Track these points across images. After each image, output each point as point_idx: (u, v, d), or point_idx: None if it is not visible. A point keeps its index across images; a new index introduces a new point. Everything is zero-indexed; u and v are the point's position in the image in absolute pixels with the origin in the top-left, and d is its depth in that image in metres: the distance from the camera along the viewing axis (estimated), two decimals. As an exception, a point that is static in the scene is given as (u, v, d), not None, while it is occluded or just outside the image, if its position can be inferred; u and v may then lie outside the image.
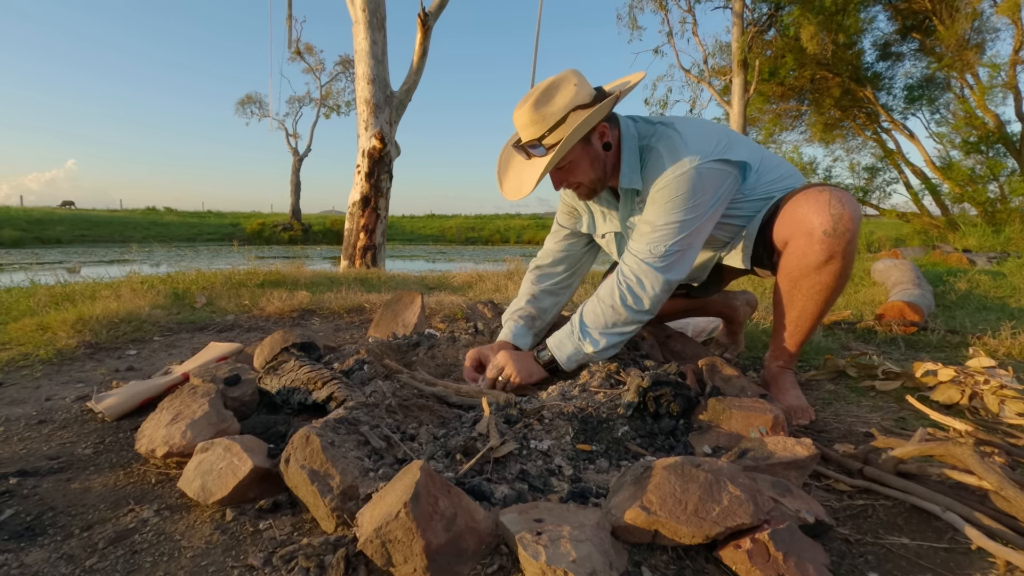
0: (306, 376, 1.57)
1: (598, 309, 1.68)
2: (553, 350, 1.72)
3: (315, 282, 4.95)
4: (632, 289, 1.64)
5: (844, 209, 1.53)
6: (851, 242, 1.53)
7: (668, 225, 1.60)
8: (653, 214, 1.62)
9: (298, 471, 1.08)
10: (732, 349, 2.40)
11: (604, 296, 1.67)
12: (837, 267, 1.56)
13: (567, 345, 1.70)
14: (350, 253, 7.76)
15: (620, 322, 1.67)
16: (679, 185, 1.57)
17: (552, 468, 1.19)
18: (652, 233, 1.62)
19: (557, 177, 1.69)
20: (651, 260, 1.62)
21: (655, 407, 1.41)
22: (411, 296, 2.54)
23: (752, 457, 1.16)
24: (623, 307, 1.65)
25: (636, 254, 1.65)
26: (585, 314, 1.70)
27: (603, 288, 1.69)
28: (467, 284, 5.21)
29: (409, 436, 1.29)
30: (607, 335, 1.68)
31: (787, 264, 1.63)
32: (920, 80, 15.02)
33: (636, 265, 1.64)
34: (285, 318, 3.33)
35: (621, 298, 1.65)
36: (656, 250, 1.61)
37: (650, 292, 1.64)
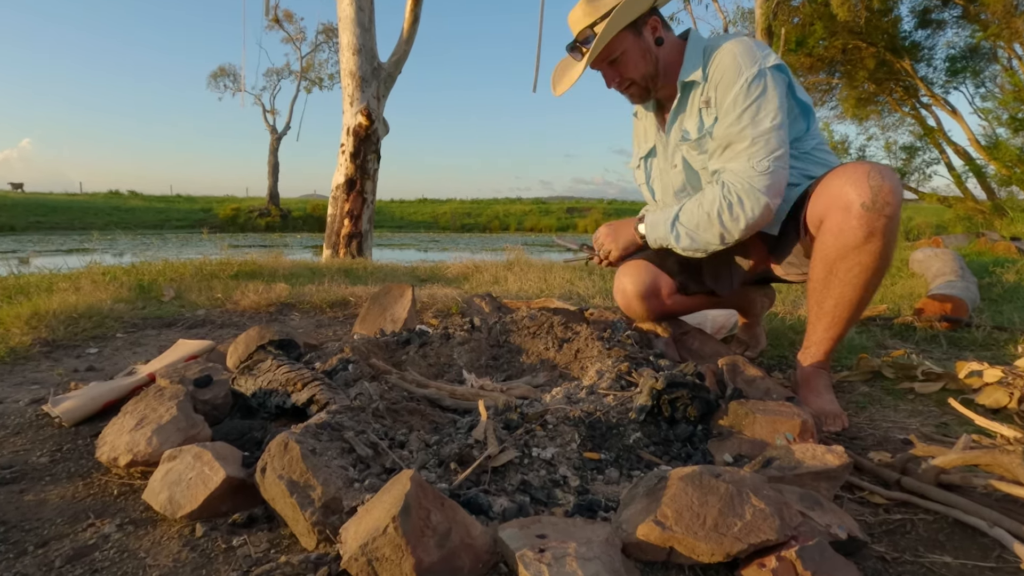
0: (285, 377, 1.57)
1: (696, 212, 1.78)
2: (647, 227, 1.90)
3: (295, 273, 4.94)
4: (732, 206, 1.72)
5: (884, 181, 1.54)
6: (892, 218, 1.54)
7: (764, 135, 1.68)
8: (741, 123, 1.70)
9: (276, 482, 1.08)
10: (754, 347, 2.40)
11: (706, 201, 1.76)
12: (878, 246, 1.56)
13: (659, 227, 1.87)
14: (333, 241, 7.75)
15: (708, 233, 1.78)
16: (759, 86, 1.68)
17: (556, 478, 1.19)
18: (751, 147, 1.69)
19: (609, 72, 1.87)
20: (757, 180, 1.69)
21: (670, 411, 1.41)
22: (401, 289, 2.54)
23: (778, 467, 1.16)
24: (718, 219, 1.74)
25: (740, 174, 1.71)
26: (684, 210, 1.81)
27: (708, 192, 1.77)
28: (463, 276, 5.20)
29: (398, 443, 1.29)
30: (692, 239, 1.81)
31: (822, 245, 1.63)
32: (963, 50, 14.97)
33: (739, 183, 1.71)
34: (261, 313, 3.33)
35: (719, 210, 1.74)
36: (760, 165, 1.69)
37: (749, 214, 1.71)
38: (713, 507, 0.94)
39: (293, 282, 4.29)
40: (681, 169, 1.93)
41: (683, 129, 1.87)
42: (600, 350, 1.85)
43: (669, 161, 1.97)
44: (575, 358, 1.90)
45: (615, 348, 1.85)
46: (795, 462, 1.16)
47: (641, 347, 1.93)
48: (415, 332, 2.11)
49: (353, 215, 7.70)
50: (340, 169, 7.75)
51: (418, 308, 3.11)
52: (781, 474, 1.14)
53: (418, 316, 2.58)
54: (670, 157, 1.96)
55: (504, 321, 2.12)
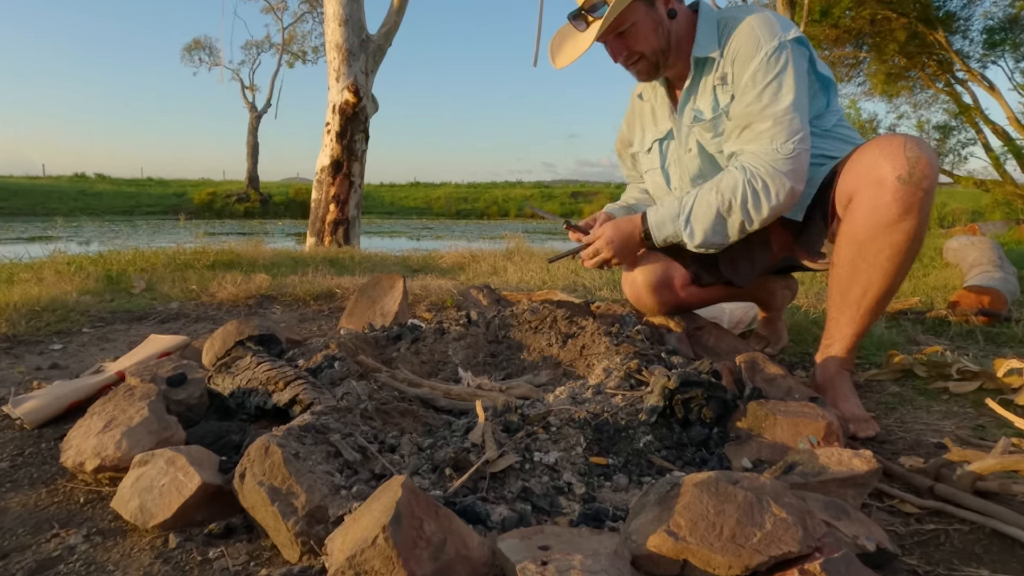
0: (265, 375, 1.57)
1: (712, 200, 1.77)
2: (652, 227, 1.88)
3: (276, 263, 4.93)
4: (757, 192, 1.72)
5: (921, 153, 1.53)
6: (929, 193, 1.53)
7: (786, 114, 1.68)
8: (762, 101, 1.70)
9: (256, 488, 1.08)
10: (774, 343, 2.40)
11: (725, 188, 1.75)
12: (913, 224, 1.55)
13: (666, 226, 1.86)
14: (318, 228, 7.74)
15: (728, 224, 1.77)
16: (779, 60, 1.68)
17: (560, 485, 1.19)
18: (774, 127, 1.69)
19: (617, 45, 1.84)
20: (781, 163, 1.69)
21: (684, 412, 1.41)
22: (391, 280, 2.53)
23: (801, 472, 1.16)
24: (741, 207, 1.74)
25: (762, 156, 1.71)
26: (697, 202, 1.80)
27: (726, 179, 1.76)
28: (458, 266, 5.20)
29: (389, 447, 1.29)
30: (709, 232, 1.79)
31: (851, 224, 1.62)
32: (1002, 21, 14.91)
33: (763, 167, 1.71)
34: (240, 306, 3.32)
35: (743, 197, 1.73)
36: (784, 147, 1.69)
37: (774, 200, 1.72)
38: (730, 516, 0.93)
39: (274, 273, 4.28)
40: (696, 153, 1.92)
41: (696, 109, 1.86)
42: (607, 346, 1.85)
43: (684, 145, 1.96)
44: (580, 355, 1.90)
45: (624, 344, 1.84)
46: (819, 468, 1.16)
47: (652, 343, 1.93)
48: (407, 327, 2.11)
49: (339, 200, 7.69)
50: (325, 150, 7.73)
51: (410, 301, 3.10)
52: (804, 481, 1.13)
53: (410, 310, 2.57)
54: (684, 140, 1.95)
55: (503, 315, 2.12)
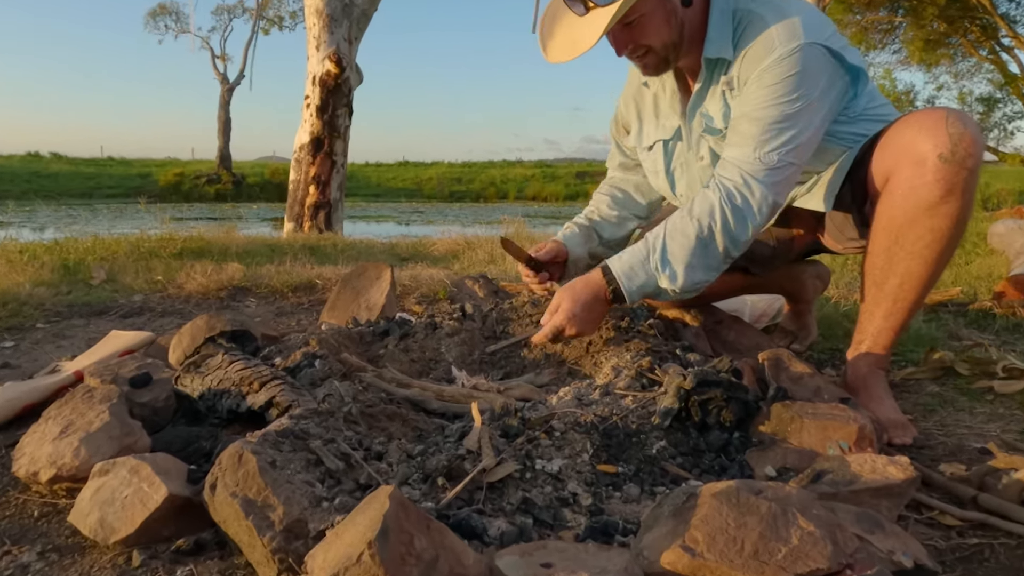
0: (239, 375, 1.56)
1: (689, 231, 1.67)
2: (620, 278, 1.72)
3: (250, 251, 4.93)
4: (737, 211, 1.64)
5: (965, 129, 1.52)
6: (973, 173, 1.52)
7: (780, 123, 1.62)
8: (758, 102, 1.64)
9: (228, 500, 1.07)
10: (802, 338, 2.39)
11: (700, 214, 1.67)
12: (956, 207, 1.54)
13: (638, 274, 1.71)
14: (297, 213, 7.73)
15: (712, 255, 1.68)
16: (792, 63, 1.61)
17: (565, 496, 1.19)
18: (761, 134, 1.63)
19: (622, 38, 1.73)
20: (760, 173, 1.64)
21: (701, 415, 1.41)
22: (378, 269, 2.53)
23: (830, 481, 1.16)
24: (722, 234, 1.65)
25: (740, 164, 1.65)
26: (669, 236, 1.69)
27: (699, 202, 1.68)
28: (451, 253, 5.19)
29: (375, 454, 1.29)
30: (692, 270, 1.68)
31: (888, 208, 1.61)
32: (1055, -19, 14.86)
33: (740, 179, 1.64)
34: (211, 298, 3.32)
35: (723, 222, 1.65)
36: (768, 158, 1.63)
37: (756, 219, 1.66)
38: (752, 530, 0.93)
39: (248, 261, 4.27)
40: (709, 163, 1.88)
41: (705, 114, 1.82)
42: (616, 342, 1.85)
43: (694, 151, 1.91)
44: (586, 352, 1.90)
45: (635, 340, 1.84)
46: (851, 476, 1.16)
47: (666, 339, 1.93)
48: (395, 321, 2.10)
49: (320, 181, 7.68)
50: (304, 126, 7.71)
51: (398, 292, 3.09)
52: (834, 490, 1.13)
53: (398, 302, 2.57)
54: (695, 146, 1.90)
55: (502, 308, 2.12)
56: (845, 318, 2.67)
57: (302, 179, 7.70)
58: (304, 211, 7.69)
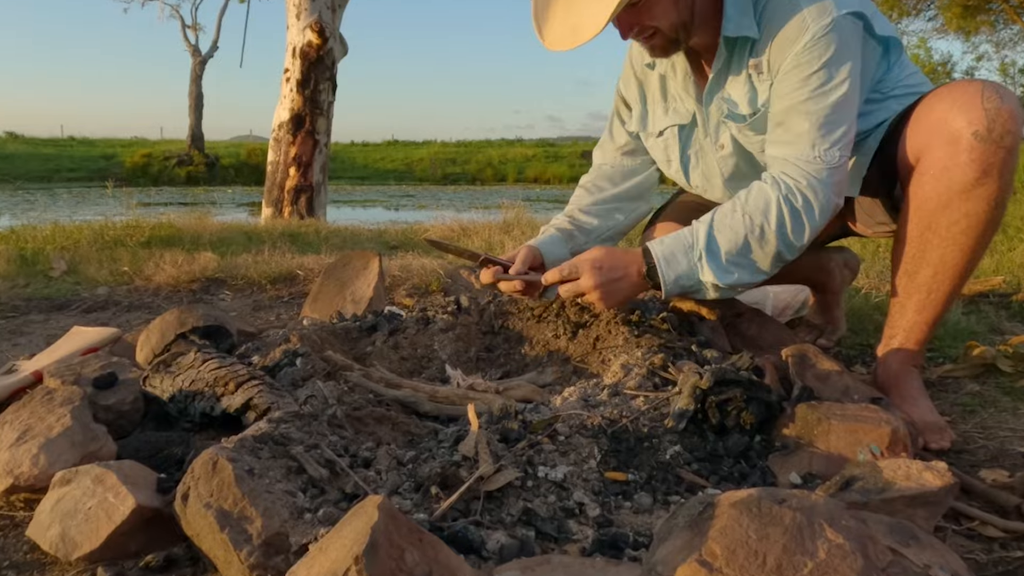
0: (212, 375, 1.56)
1: (738, 227, 1.66)
2: (659, 262, 1.70)
3: (225, 239, 4.92)
4: (796, 213, 1.64)
5: (1003, 103, 1.51)
6: (1012, 151, 1.52)
7: (832, 114, 1.62)
8: (803, 92, 1.63)
9: (201, 512, 1.07)
10: (829, 332, 2.40)
11: (753, 210, 1.66)
12: (993, 189, 1.53)
13: (679, 261, 1.69)
14: (276, 197, 7.73)
15: (761, 258, 1.67)
16: (828, 42, 1.60)
17: (570, 506, 1.19)
18: (816, 129, 1.62)
19: (627, 19, 1.70)
20: (823, 173, 1.63)
21: (719, 417, 1.41)
22: (364, 259, 2.52)
23: (861, 489, 1.15)
24: (776, 236, 1.64)
25: (800, 163, 1.64)
26: (717, 228, 1.68)
27: (755, 196, 1.67)
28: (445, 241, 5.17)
29: (362, 461, 1.29)
30: (737, 270, 1.68)
31: (919, 191, 1.61)
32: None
33: (805, 180, 1.63)
34: (182, 291, 3.32)
35: (779, 222, 1.64)
36: (830, 156, 1.63)
37: (816, 222, 1.65)
38: (775, 543, 0.93)
39: (223, 251, 4.27)
40: (731, 152, 1.88)
41: (727, 99, 1.80)
42: (626, 338, 1.85)
43: (713, 139, 1.90)
44: (593, 348, 1.90)
45: (646, 335, 1.84)
46: (883, 483, 1.16)
47: (680, 333, 1.92)
48: (383, 315, 2.10)
49: (301, 162, 7.67)
50: (284, 102, 7.70)
51: (387, 284, 3.09)
52: (865, 499, 1.13)
53: (387, 294, 2.57)
54: (713, 134, 1.89)
55: (500, 301, 2.11)
56: (876, 310, 2.68)
57: (281, 160, 7.69)
58: (284, 195, 7.69)
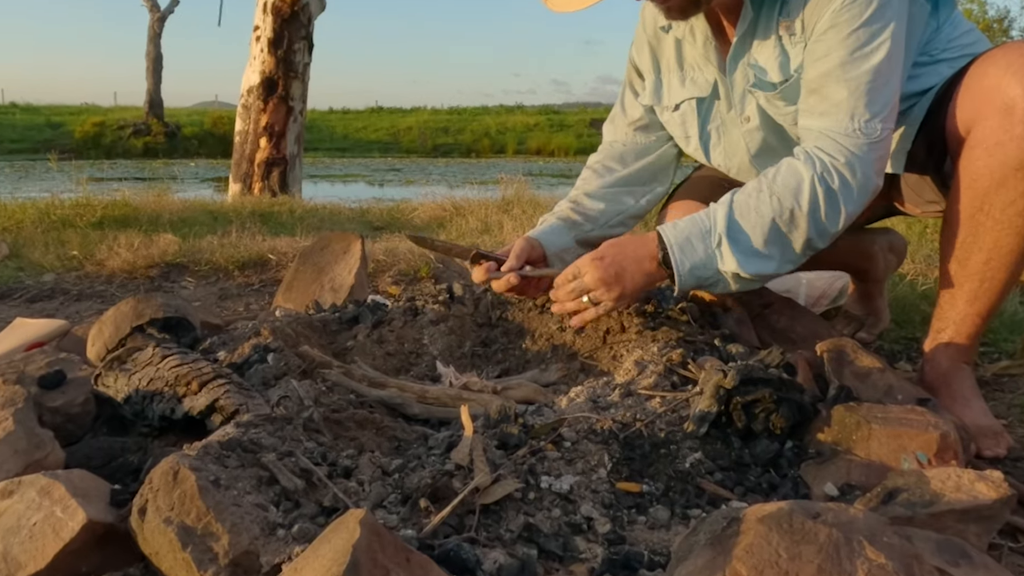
0: (173, 373, 1.56)
1: (764, 209, 1.65)
2: (672, 249, 1.69)
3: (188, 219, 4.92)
4: (832, 195, 1.62)
5: None
6: None
7: (873, 80, 1.60)
8: (841, 55, 1.61)
9: (161, 528, 1.07)
10: (871, 325, 2.39)
11: (783, 191, 1.64)
12: None
13: (695, 248, 1.68)
14: (245, 171, 7.72)
15: (789, 245, 1.66)
16: (869, 1, 1.58)
17: (577, 521, 1.18)
18: (857, 98, 1.61)
19: None
20: (864, 148, 1.61)
21: (745, 421, 1.40)
22: (345, 242, 2.52)
23: (905, 502, 1.15)
24: (809, 220, 1.63)
25: (838, 137, 1.62)
26: (739, 211, 1.67)
27: (784, 175, 1.66)
28: (436, 221, 5.18)
29: (342, 470, 1.29)
30: (761, 259, 1.66)
31: (970, 167, 1.61)
32: None
33: (843, 156, 1.61)
34: (139, 278, 3.31)
35: (812, 205, 1.62)
36: (871, 128, 1.61)
37: (854, 205, 1.64)
38: (809, 563, 0.93)
39: (185, 232, 4.26)
40: (758, 125, 1.86)
41: (755, 65, 1.79)
42: (641, 331, 1.85)
43: (738, 111, 1.89)
44: (604, 342, 1.90)
45: (663, 328, 1.84)
46: (931, 495, 1.16)
47: (702, 326, 1.92)
48: (366, 306, 2.10)
49: (273, 132, 7.65)
50: (253, 64, 7.67)
51: (370, 270, 3.09)
52: (910, 513, 1.13)
53: (371, 282, 2.56)
54: (738, 105, 1.88)
55: (498, 289, 2.11)
56: (924, 300, 2.67)
57: (251, 130, 7.67)
58: (254, 169, 7.68)
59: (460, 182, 14.56)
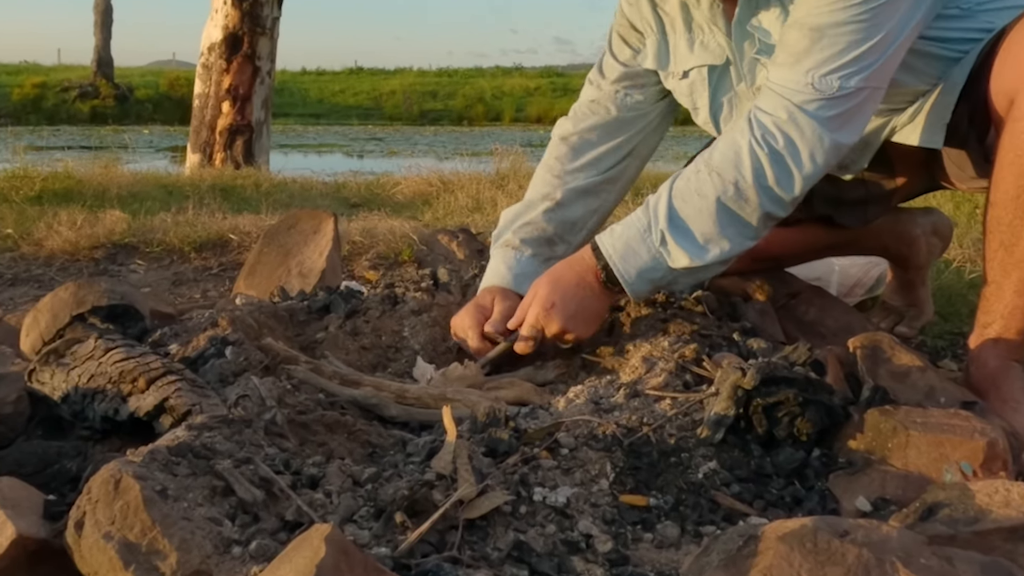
0: (118, 368, 1.56)
1: (707, 190, 1.67)
2: (612, 260, 1.72)
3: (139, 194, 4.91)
4: (777, 157, 1.63)
5: None
6: None
7: (843, 29, 1.59)
8: (813, 5, 1.60)
9: (100, 544, 1.07)
10: (911, 317, 2.39)
11: (721, 165, 1.66)
12: None
13: (638, 253, 1.71)
14: (205, 140, 7.71)
15: (742, 221, 1.67)
16: None
17: (574, 539, 1.18)
18: (816, 48, 1.60)
19: None
20: (812, 104, 1.61)
21: (767, 426, 1.40)
22: (316, 220, 2.52)
23: (947, 518, 1.15)
24: (756, 191, 1.64)
25: (783, 91, 1.64)
26: (679, 197, 1.69)
27: (720, 151, 1.68)
28: (421, 198, 5.18)
29: (308, 479, 1.28)
30: (719, 240, 1.67)
31: (1013, 141, 1.60)
32: None
33: (785, 112, 1.63)
34: (82, 261, 3.31)
35: (756, 173, 1.64)
36: (825, 83, 1.60)
37: (807, 167, 1.64)
38: (836, 587, 0.93)
39: (136, 208, 4.26)
40: None
41: (759, 29, 1.78)
42: (650, 323, 1.85)
43: (748, 81, 1.88)
44: (608, 336, 1.90)
45: (675, 320, 1.84)
46: (976, 511, 1.16)
47: (719, 318, 1.92)
48: (339, 293, 2.10)
49: (237, 95, 7.64)
50: (215, 18, 7.66)
51: (345, 253, 3.09)
52: (952, 531, 1.13)
53: (345, 266, 2.56)
54: (748, 75, 1.87)
55: (489, 274, 2.11)
56: (972, 290, 2.67)
57: (212, 93, 7.66)
58: (215, 137, 7.66)
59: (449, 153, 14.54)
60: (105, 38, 29.61)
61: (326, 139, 22.54)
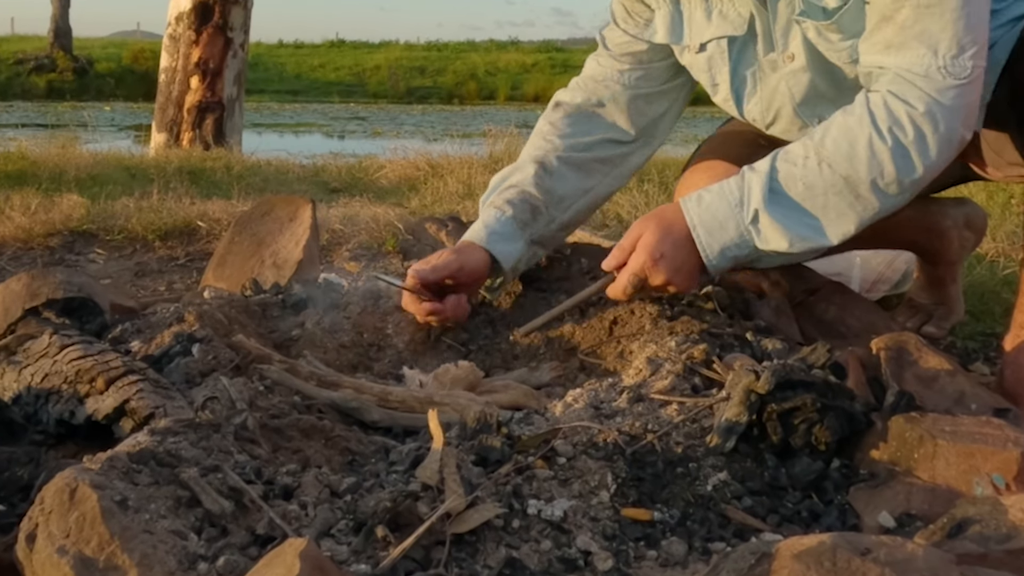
0: (74, 367, 1.56)
1: (816, 178, 1.66)
2: (697, 231, 1.71)
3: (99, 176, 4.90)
4: (903, 153, 1.60)
5: None
6: None
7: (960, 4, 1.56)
8: None
9: (53, 559, 1.07)
10: (940, 317, 2.40)
11: (835, 156, 1.63)
12: None
13: (726, 226, 1.70)
14: (171, 118, 7.70)
15: (850, 215, 1.66)
16: None
17: (572, 556, 1.18)
18: (937, 25, 1.57)
19: None
20: (949, 93, 1.59)
21: (782, 434, 1.41)
22: (292, 207, 2.52)
23: (977, 535, 1.16)
24: (871, 189, 1.62)
25: (916, 78, 1.60)
26: (779, 176, 1.67)
27: (836, 136, 1.66)
28: (408, 183, 5.18)
29: (282, 489, 1.29)
30: (815, 233, 1.67)
31: None
32: None
33: (924, 105, 1.59)
34: (35, 249, 3.31)
35: (874, 169, 1.61)
36: (958, 66, 1.57)
37: (932, 162, 1.62)
38: (856, 610, 0.93)
39: (96, 192, 4.26)
40: (805, 64, 1.82)
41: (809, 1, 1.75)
42: (655, 320, 1.85)
43: (780, 47, 1.84)
44: (609, 335, 1.90)
45: (683, 317, 1.84)
46: (1009, 527, 1.16)
47: (731, 315, 1.93)
48: (317, 286, 2.09)
49: (207, 69, 7.63)
50: (182, -16, 7.64)
51: (324, 242, 3.08)
52: (982, 549, 1.13)
53: (324, 257, 2.56)
54: (781, 39, 1.83)
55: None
56: (1007, 287, 2.68)
57: (180, 67, 7.64)
58: (182, 115, 7.65)
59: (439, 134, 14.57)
60: (63, 6, 29.57)
61: (304, 118, 22.54)
